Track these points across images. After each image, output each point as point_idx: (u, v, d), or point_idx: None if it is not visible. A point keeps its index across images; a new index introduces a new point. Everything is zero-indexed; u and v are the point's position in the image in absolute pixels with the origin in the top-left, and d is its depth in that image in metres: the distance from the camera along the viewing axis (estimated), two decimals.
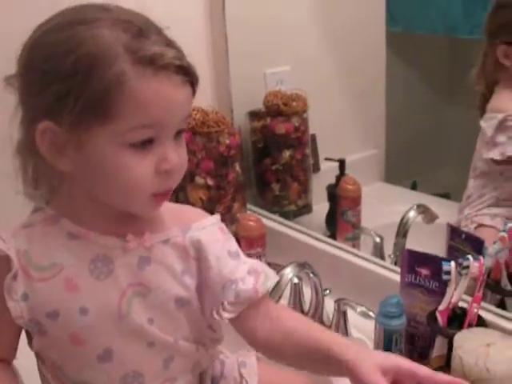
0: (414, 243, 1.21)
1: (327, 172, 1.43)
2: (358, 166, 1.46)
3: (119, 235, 0.69)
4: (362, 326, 1.08)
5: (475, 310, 0.92)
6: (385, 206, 1.42)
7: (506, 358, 0.81)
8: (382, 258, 1.25)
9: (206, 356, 0.79)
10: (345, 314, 1.08)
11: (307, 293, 1.10)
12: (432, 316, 0.94)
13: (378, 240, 1.23)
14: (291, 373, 0.93)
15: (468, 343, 0.83)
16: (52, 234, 0.69)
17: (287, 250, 1.25)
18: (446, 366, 0.92)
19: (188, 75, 0.64)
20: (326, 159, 1.41)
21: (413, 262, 1.01)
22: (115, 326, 0.69)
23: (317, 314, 1.09)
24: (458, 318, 0.93)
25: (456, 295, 0.93)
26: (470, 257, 0.92)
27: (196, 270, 0.73)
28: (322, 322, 1.09)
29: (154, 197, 0.66)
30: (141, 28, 0.63)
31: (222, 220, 0.78)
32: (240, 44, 1.35)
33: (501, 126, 1.14)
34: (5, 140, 0.67)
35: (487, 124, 1.16)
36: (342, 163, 1.34)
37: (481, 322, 0.93)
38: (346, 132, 1.52)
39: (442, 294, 0.99)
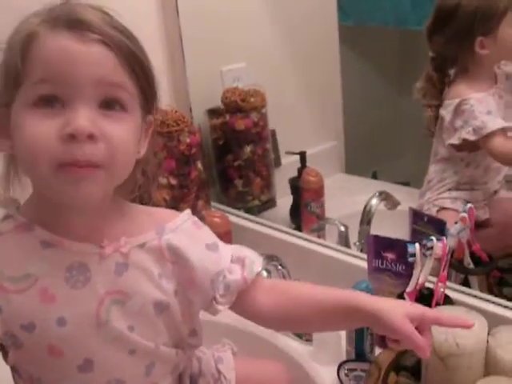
0: (377, 230, 1.23)
1: (288, 166, 1.44)
2: (319, 158, 1.48)
3: (95, 241, 0.67)
4: None
5: (441, 290, 0.94)
6: (347, 197, 1.44)
7: (474, 332, 0.82)
8: (348, 246, 1.26)
9: (185, 358, 0.79)
10: None
11: None
12: (400, 298, 0.96)
13: (342, 229, 1.25)
14: (266, 362, 0.96)
15: None
16: (24, 242, 0.65)
17: (254, 244, 1.23)
18: None
19: (101, 34, 0.61)
20: (287, 153, 1.42)
21: (378, 247, 1.03)
22: (94, 335, 0.67)
23: None
24: (426, 299, 0.95)
25: (422, 276, 0.95)
26: (433, 238, 0.94)
27: (173, 273, 0.71)
28: None
29: (61, 169, 0.60)
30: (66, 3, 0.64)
31: None
32: (195, 42, 1.35)
33: (457, 111, 1.17)
34: None
35: (446, 110, 1.19)
36: (302, 156, 1.36)
37: (447, 301, 0.95)
38: (304, 126, 1.53)
39: (409, 276, 1.00)
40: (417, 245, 0.94)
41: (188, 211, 0.76)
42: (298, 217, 1.34)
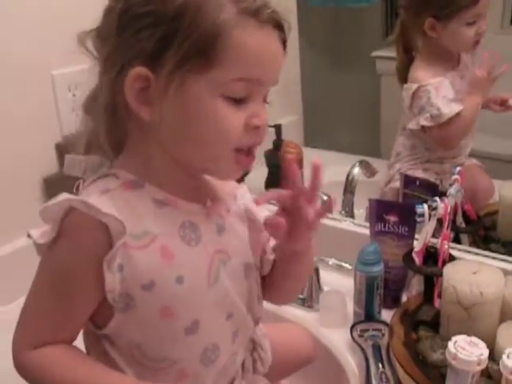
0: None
1: None
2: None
3: (199, 202, 0.68)
4: (334, 279, 1.13)
5: (446, 247, 0.99)
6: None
7: (494, 281, 0.88)
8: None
9: (253, 333, 0.79)
10: (317, 270, 1.11)
11: None
12: (408, 257, 1.00)
13: (325, 198, 1.26)
14: (289, 325, 0.99)
15: (457, 274, 0.90)
16: (136, 200, 0.63)
17: None
18: (424, 302, 0.99)
19: (284, 33, 0.63)
20: None
21: (381, 210, 1.06)
22: (205, 294, 0.67)
23: None
24: (433, 256, 1.00)
25: (428, 235, 0.99)
26: (436, 199, 0.99)
27: (248, 235, 0.74)
28: None
29: (236, 153, 0.64)
30: None
31: None
32: None
33: (414, 97, 1.21)
34: None
35: (406, 93, 1.23)
36: (278, 128, 1.36)
37: (452, 258, 1.00)
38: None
39: (411, 237, 1.05)
40: (425, 205, 0.98)
41: (244, 184, 0.78)
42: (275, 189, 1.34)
